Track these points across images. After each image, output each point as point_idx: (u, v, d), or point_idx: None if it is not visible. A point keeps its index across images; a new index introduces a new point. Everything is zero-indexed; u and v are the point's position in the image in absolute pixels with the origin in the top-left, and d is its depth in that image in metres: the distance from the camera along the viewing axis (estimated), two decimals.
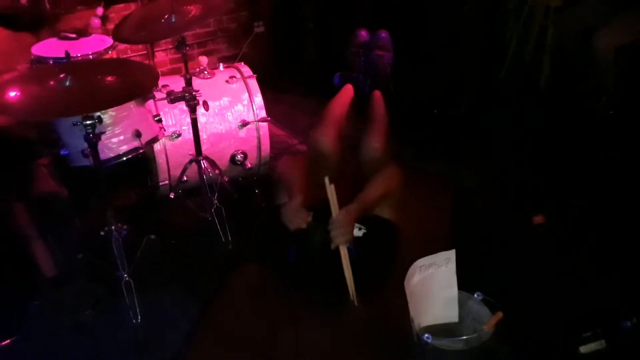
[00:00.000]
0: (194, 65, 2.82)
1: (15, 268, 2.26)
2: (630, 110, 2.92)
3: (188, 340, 2.05)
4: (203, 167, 2.47)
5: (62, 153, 2.16)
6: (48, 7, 3.03)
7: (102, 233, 2.11)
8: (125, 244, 2.10)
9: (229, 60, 3.77)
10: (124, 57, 3.56)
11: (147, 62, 3.71)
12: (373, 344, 1.96)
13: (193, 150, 2.47)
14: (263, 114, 2.70)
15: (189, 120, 2.42)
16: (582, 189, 2.57)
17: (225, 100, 2.66)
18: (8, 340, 2.06)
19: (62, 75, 1.91)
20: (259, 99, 2.70)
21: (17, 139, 2.60)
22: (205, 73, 2.72)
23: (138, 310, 2.07)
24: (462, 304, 1.87)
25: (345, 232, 1.97)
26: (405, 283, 1.78)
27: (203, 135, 2.54)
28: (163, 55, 3.92)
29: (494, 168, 2.85)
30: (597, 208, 2.42)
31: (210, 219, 2.46)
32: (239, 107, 2.68)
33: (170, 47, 3.84)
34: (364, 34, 3.53)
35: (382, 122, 2.51)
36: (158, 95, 2.49)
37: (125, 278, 2.07)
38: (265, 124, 2.71)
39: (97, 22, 3.01)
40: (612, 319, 1.82)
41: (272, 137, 2.78)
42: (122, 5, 3.47)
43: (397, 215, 2.28)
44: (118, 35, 2.33)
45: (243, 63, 2.88)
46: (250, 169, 2.73)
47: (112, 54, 2.70)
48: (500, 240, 2.32)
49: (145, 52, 3.75)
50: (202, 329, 2.10)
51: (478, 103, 3.35)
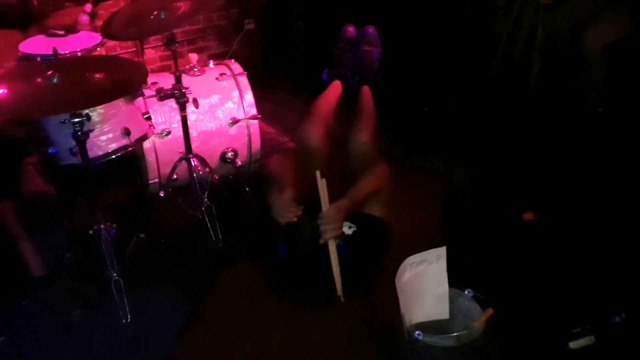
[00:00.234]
0: (184, 63, 2.81)
1: (3, 268, 2.24)
2: (619, 107, 2.94)
3: (178, 339, 2.04)
4: (193, 165, 2.45)
5: (50, 151, 2.14)
6: (36, 3, 2.99)
7: (91, 232, 2.09)
8: (115, 243, 2.08)
9: (219, 58, 3.75)
10: (113, 54, 3.53)
11: (136, 59, 3.68)
12: (364, 341, 1.96)
13: (183, 148, 2.46)
14: (254, 112, 2.68)
15: (179, 118, 2.41)
16: (572, 186, 2.59)
17: (216, 98, 2.65)
18: None
19: (49, 73, 1.89)
20: (250, 97, 2.69)
21: (4, 138, 2.57)
22: (195, 70, 2.70)
23: (128, 310, 2.05)
24: (452, 301, 1.88)
25: (335, 227, 1.97)
26: (396, 280, 1.79)
27: (193, 133, 2.53)
28: (152, 53, 3.89)
29: (484, 165, 2.86)
30: (587, 205, 2.44)
31: (201, 217, 2.45)
32: (229, 104, 2.66)
33: (160, 44, 3.82)
34: (351, 30, 3.53)
35: (370, 116, 2.51)
36: (147, 93, 2.47)
37: (115, 277, 2.05)
38: (256, 122, 2.70)
39: (85, 18, 2.98)
40: (601, 315, 1.83)
41: (262, 134, 2.77)
42: (110, 2, 3.45)
43: (387, 213, 2.29)
44: (107, 32, 2.31)
45: (233, 60, 2.87)
46: (241, 167, 2.71)
47: (100, 51, 2.67)
48: (491, 237, 2.33)
49: (135, 49, 3.73)
50: (192, 328, 2.09)
51: (468, 100, 3.35)
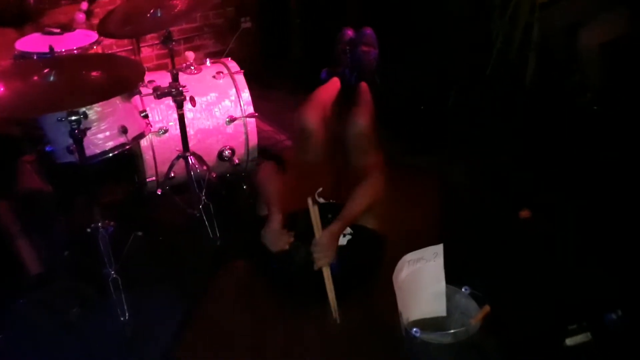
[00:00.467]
0: (181, 61, 2.80)
1: (0, 266, 2.24)
2: (614, 106, 2.96)
3: (176, 337, 2.04)
4: (190, 163, 2.45)
5: (47, 149, 2.14)
6: (31, 1, 2.99)
7: (88, 230, 2.08)
8: (112, 241, 2.08)
9: (216, 56, 3.75)
10: (110, 52, 3.52)
11: (132, 57, 3.67)
12: (362, 339, 1.96)
13: (180, 146, 2.46)
14: (251, 110, 2.68)
15: (176, 116, 2.41)
16: (567, 184, 2.60)
17: (213, 96, 2.65)
18: None
19: (46, 71, 1.89)
20: (247, 95, 2.69)
21: (0, 136, 2.57)
22: (192, 68, 2.70)
23: (126, 308, 2.05)
24: (449, 298, 1.88)
25: (328, 254, 1.96)
26: (394, 277, 1.79)
27: (190, 131, 2.53)
28: (149, 51, 3.89)
29: (481, 163, 2.87)
30: (582, 203, 2.45)
31: (199, 216, 2.45)
32: (226, 102, 2.66)
33: (156, 42, 3.82)
34: (350, 33, 3.55)
35: (367, 105, 2.50)
36: (144, 91, 2.47)
37: (113, 275, 2.05)
38: (253, 120, 2.70)
39: (81, 17, 2.97)
40: (597, 312, 1.84)
41: (259, 133, 2.77)
42: (106, 0, 3.43)
43: (382, 224, 2.24)
44: (103, 30, 2.30)
45: (230, 59, 2.87)
46: (238, 165, 2.71)
47: (97, 49, 2.67)
48: (488, 235, 2.34)
49: (131, 47, 3.72)
50: (190, 326, 2.09)
51: (465, 99, 3.36)
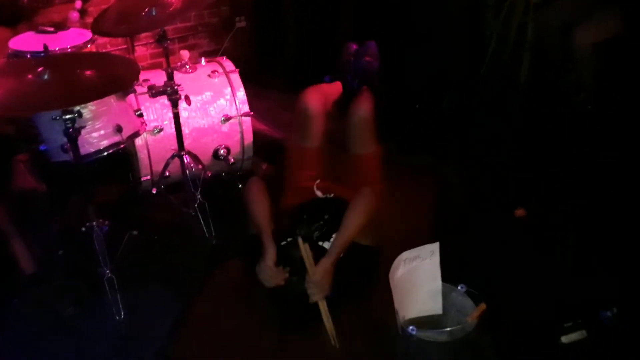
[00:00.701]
0: (175, 60, 2.79)
1: None
2: (608, 105, 2.98)
3: (171, 336, 2.03)
4: (186, 162, 2.44)
5: (41, 148, 2.13)
6: (25, 0, 2.97)
7: (83, 229, 2.08)
8: (107, 240, 2.07)
9: (210, 56, 3.73)
10: (104, 51, 3.50)
11: (127, 56, 3.66)
12: (358, 336, 1.97)
13: (175, 145, 2.45)
14: (246, 109, 2.68)
15: (171, 115, 2.40)
16: (562, 183, 2.61)
17: (208, 95, 2.64)
18: None
19: (40, 69, 1.88)
20: (242, 94, 2.68)
21: None
22: (187, 67, 2.69)
23: (121, 307, 2.05)
24: (446, 296, 1.89)
25: (323, 290, 1.95)
26: (390, 276, 1.79)
27: (185, 130, 2.52)
28: (143, 50, 3.87)
29: (476, 162, 2.88)
30: (577, 201, 2.46)
31: (194, 215, 2.44)
32: (222, 101, 2.66)
33: (151, 41, 3.80)
34: (355, 46, 3.62)
35: (369, 99, 2.51)
36: (139, 90, 2.47)
37: (108, 274, 2.05)
38: (248, 119, 2.70)
39: (75, 15, 2.96)
40: (592, 310, 1.85)
41: (255, 132, 2.76)
42: None
43: (376, 240, 2.23)
44: (97, 29, 2.29)
45: (225, 57, 2.86)
46: (234, 164, 2.71)
47: (91, 48, 2.65)
48: (484, 233, 2.34)
49: (125, 46, 3.71)
50: (185, 325, 2.09)
51: (459, 98, 3.37)
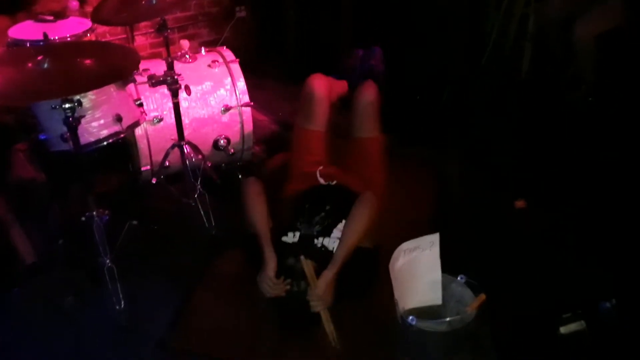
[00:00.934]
0: (175, 50, 2.78)
1: None
2: (609, 98, 2.97)
3: (171, 326, 2.04)
4: (186, 152, 2.44)
5: (41, 137, 2.12)
6: None
7: (83, 219, 2.07)
8: (107, 230, 2.07)
9: (210, 46, 3.72)
10: (104, 40, 3.48)
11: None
12: (357, 327, 1.97)
13: (175, 135, 2.44)
14: (246, 99, 2.67)
15: (171, 105, 2.39)
16: (562, 175, 2.61)
17: (208, 85, 2.63)
18: None
19: (39, 58, 1.87)
20: (242, 84, 2.67)
21: None
22: (187, 57, 2.68)
23: (121, 297, 2.05)
24: (445, 287, 1.89)
25: (325, 301, 1.94)
26: (390, 266, 1.79)
27: (185, 120, 2.51)
28: (143, 40, 3.85)
29: (477, 154, 2.88)
30: (577, 193, 2.46)
31: (194, 205, 2.44)
32: (222, 91, 2.65)
33: (151, 30, 3.79)
34: (360, 51, 3.62)
35: (374, 84, 2.52)
36: (139, 79, 2.46)
37: (108, 264, 2.05)
38: (249, 109, 2.69)
39: (75, 4, 2.94)
40: (591, 301, 1.85)
41: (255, 122, 2.76)
42: None
43: (377, 240, 2.21)
44: (97, 17, 2.27)
45: (225, 47, 2.85)
46: (234, 155, 2.70)
47: (90, 37, 2.64)
48: (483, 224, 2.35)
49: (125, 35, 3.68)
50: (185, 315, 2.09)
51: (460, 90, 3.36)
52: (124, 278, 2.08)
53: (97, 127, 2.08)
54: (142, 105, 2.36)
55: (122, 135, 2.14)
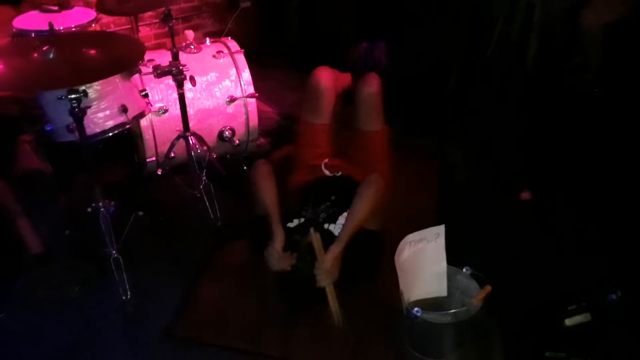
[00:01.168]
0: (180, 40, 2.76)
1: (1, 246, 2.23)
2: (616, 88, 2.95)
3: (177, 316, 2.05)
4: (191, 143, 2.43)
5: (46, 128, 2.12)
6: None
7: (89, 209, 2.08)
8: (113, 221, 2.07)
9: (215, 36, 3.69)
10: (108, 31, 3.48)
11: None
12: (363, 318, 1.98)
13: (180, 126, 2.44)
14: (251, 90, 2.66)
15: (176, 96, 2.38)
16: (568, 166, 2.60)
17: (213, 76, 2.62)
18: None
19: (45, 48, 1.87)
20: (247, 75, 2.67)
21: None
22: (192, 48, 2.67)
23: (127, 287, 2.06)
24: (450, 278, 1.90)
25: (331, 275, 1.96)
26: (395, 258, 1.80)
27: (190, 111, 2.51)
28: (147, 30, 3.84)
29: (482, 144, 2.87)
30: (583, 184, 2.45)
31: (199, 196, 2.44)
32: (227, 82, 2.64)
33: (155, 21, 3.77)
34: (365, 44, 3.59)
35: (377, 76, 2.51)
36: (144, 70, 2.45)
37: (114, 255, 2.05)
38: (253, 100, 2.68)
39: None
40: (597, 293, 1.85)
41: (260, 113, 2.75)
42: None
43: (383, 224, 2.24)
44: (102, 7, 2.28)
45: (230, 38, 2.84)
46: (239, 146, 2.70)
47: (95, 28, 2.63)
48: (489, 216, 2.34)
49: (130, 26, 3.67)
50: (191, 305, 2.10)
51: (465, 80, 3.35)
52: (130, 268, 2.08)
53: (102, 117, 2.07)
54: (147, 96, 2.35)
55: (127, 126, 2.13)
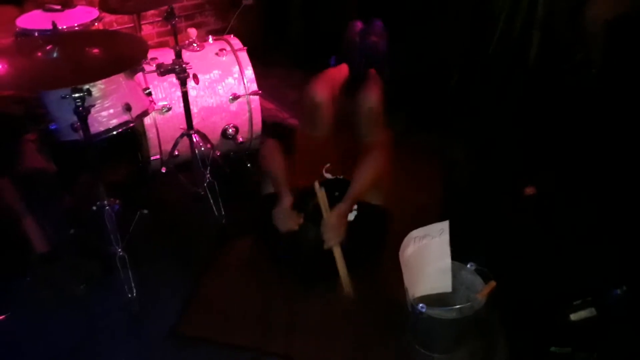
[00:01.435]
0: (183, 38, 2.77)
1: (6, 244, 2.24)
2: (618, 84, 2.94)
3: (183, 313, 2.06)
4: (195, 141, 2.44)
5: (50, 127, 2.12)
6: None
7: (94, 208, 2.09)
8: (118, 219, 2.08)
9: (217, 34, 3.70)
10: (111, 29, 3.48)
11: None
12: (368, 314, 1.99)
13: (184, 124, 2.44)
14: (254, 87, 2.67)
15: (179, 94, 2.39)
16: (572, 161, 2.59)
17: (216, 74, 2.63)
18: (2, 317, 2.05)
19: (49, 47, 1.87)
20: (250, 72, 2.67)
21: (2, 115, 2.55)
22: (195, 46, 2.68)
23: (133, 285, 2.07)
24: (455, 274, 1.90)
25: (338, 234, 1.97)
26: (400, 254, 1.80)
27: (194, 109, 2.51)
28: (150, 28, 3.84)
29: (485, 140, 2.86)
30: (587, 179, 2.45)
31: (203, 194, 2.45)
32: (230, 80, 2.64)
33: (158, 19, 3.77)
34: (359, 24, 3.55)
35: (377, 84, 2.49)
36: (147, 68, 2.45)
37: (119, 253, 2.06)
38: (257, 98, 2.68)
39: None
40: (602, 288, 1.85)
41: (263, 110, 2.75)
42: None
43: (386, 200, 2.26)
44: (105, 6, 2.27)
45: (233, 35, 2.84)
46: (242, 143, 2.70)
47: (98, 26, 2.64)
48: (493, 211, 2.34)
49: (132, 24, 3.68)
50: (196, 302, 2.11)
51: (467, 77, 3.34)
52: (135, 266, 2.09)
53: (106, 116, 2.08)
54: (150, 95, 2.36)
55: (131, 125, 2.14)
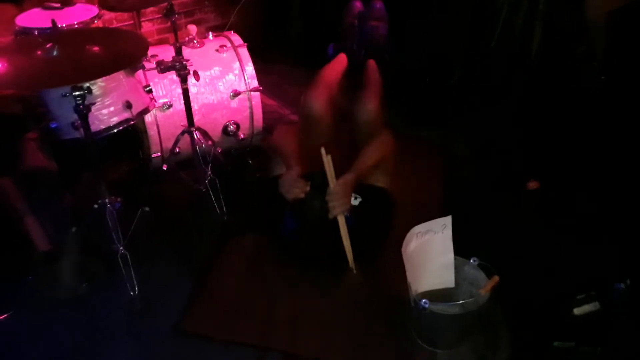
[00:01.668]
0: (183, 35, 2.75)
1: (8, 243, 2.24)
2: (622, 76, 2.92)
3: (185, 311, 2.06)
4: (195, 138, 2.43)
5: (51, 126, 2.12)
6: None
7: (95, 206, 2.09)
8: (120, 217, 2.08)
9: (217, 30, 3.69)
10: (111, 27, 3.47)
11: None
12: (370, 310, 1.98)
13: (185, 121, 2.44)
14: (255, 84, 2.66)
15: (180, 91, 2.38)
16: (575, 155, 2.59)
17: (216, 70, 2.62)
18: (4, 315, 2.05)
19: (48, 45, 1.87)
20: (251, 68, 2.66)
21: (3, 114, 2.55)
22: (195, 42, 2.67)
23: (135, 282, 2.07)
24: (458, 269, 1.89)
25: (343, 202, 1.98)
26: (403, 249, 1.79)
27: (194, 106, 2.50)
28: (150, 25, 3.83)
29: (488, 135, 2.86)
30: (590, 173, 2.44)
31: (205, 191, 2.45)
32: (230, 76, 2.63)
33: (158, 16, 3.76)
34: (359, 5, 3.48)
35: (376, 86, 2.49)
36: (147, 65, 2.45)
37: (121, 251, 2.06)
38: (258, 94, 2.68)
39: None
40: (605, 282, 1.85)
41: (263, 107, 2.74)
42: None
43: (391, 183, 2.29)
44: (104, 3, 2.27)
45: (233, 32, 2.83)
46: (243, 140, 2.70)
47: (97, 24, 2.63)
48: (496, 206, 2.34)
49: (132, 22, 3.66)
50: (198, 300, 2.11)
51: (470, 71, 3.33)
52: (138, 264, 2.09)
53: (107, 114, 2.07)
54: (151, 92, 2.36)
55: (132, 122, 2.14)
